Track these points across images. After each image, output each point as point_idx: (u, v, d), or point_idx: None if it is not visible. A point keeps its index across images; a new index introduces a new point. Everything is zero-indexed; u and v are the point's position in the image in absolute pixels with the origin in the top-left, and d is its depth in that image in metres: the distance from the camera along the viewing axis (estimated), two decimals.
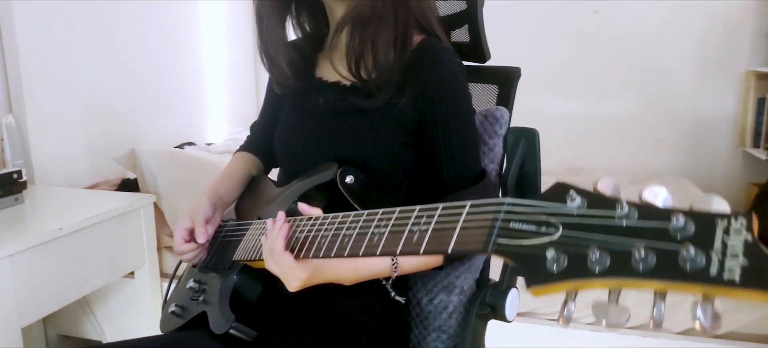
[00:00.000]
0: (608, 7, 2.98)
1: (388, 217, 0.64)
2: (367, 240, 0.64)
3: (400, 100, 0.87)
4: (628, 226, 0.43)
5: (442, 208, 0.58)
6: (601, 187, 0.46)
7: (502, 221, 0.50)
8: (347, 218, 0.70)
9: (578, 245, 0.44)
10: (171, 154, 2.17)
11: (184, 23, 2.77)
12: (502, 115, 0.99)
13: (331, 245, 0.69)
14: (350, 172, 0.84)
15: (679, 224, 0.41)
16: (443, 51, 0.89)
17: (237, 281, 0.89)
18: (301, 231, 0.75)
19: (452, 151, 0.88)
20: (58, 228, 1.37)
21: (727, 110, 2.97)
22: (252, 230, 0.91)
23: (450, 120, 0.87)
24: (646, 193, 0.44)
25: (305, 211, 0.78)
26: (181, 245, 0.94)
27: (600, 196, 0.46)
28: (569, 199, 0.47)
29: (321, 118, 0.93)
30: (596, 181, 0.47)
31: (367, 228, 0.65)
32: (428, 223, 0.58)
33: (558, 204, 0.47)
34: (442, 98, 0.87)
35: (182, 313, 0.96)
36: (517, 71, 1.03)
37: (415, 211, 0.61)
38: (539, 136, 0.98)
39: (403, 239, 0.60)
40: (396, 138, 0.89)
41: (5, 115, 1.83)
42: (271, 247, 0.75)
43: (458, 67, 0.90)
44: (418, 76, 0.87)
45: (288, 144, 0.99)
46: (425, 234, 0.58)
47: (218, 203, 0.99)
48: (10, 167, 1.75)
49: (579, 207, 0.46)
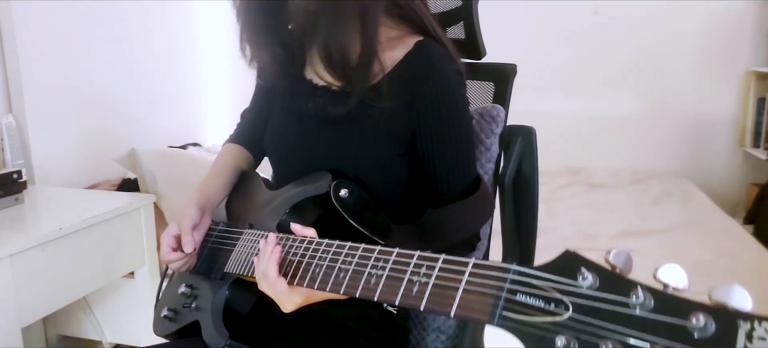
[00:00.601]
0: (608, 6, 2.98)
1: (385, 257, 0.62)
2: (363, 280, 0.62)
3: (390, 109, 0.83)
4: (644, 317, 0.41)
5: (442, 261, 0.56)
6: (612, 260, 0.44)
7: (508, 291, 0.49)
8: (342, 249, 0.68)
9: (590, 334, 0.42)
10: (171, 154, 2.17)
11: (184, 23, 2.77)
12: (499, 113, 0.98)
13: (325, 278, 0.67)
14: (344, 185, 0.81)
15: (699, 324, 0.39)
16: (437, 57, 0.85)
17: (229, 295, 0.87)
18: (294, 254, 0.73)
19: (446, 164, 0.85)
20: (58, 228, 1.37)
21: (727, 110, 2.97)
22: (243, 241, 0.88)
23: (444, 133, 0.84)
24: (662, 274, 0.42)
25: (298, 231, 0.76)
26: (169, 254, 0.92)
27: (613, 277, 0.44)
28: (580, 275, 0.45)
29: (310, 124, 0.90)
30: (608, 253, 0.45)
31: (364, 266, 0.64)
32: (429, 275, 0.56)
33: (568, 280, 0.45)
34: (435, 111, 0.83)
35: (175, 317, 0.95)
36: (513, 68, 1.03)
37: (415, 258, 0.59)
38: (536, 135, 0.97)
39: (403, 289, 0.58)
40: (387, 149, 0.85)
41: (5, 115, 1.84)
42: (263, 272, 0.73)
43: (453, 76, 0.86)
44: (411, 84, 0.83)
45: (277, 146, 0.96)
46: (425, 287, 0.56)
47: (206, 205, 0.97)
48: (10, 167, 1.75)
49: (591, 286, 0.44)
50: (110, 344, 1.90)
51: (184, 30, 2.77)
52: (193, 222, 0.92)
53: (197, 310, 0.90)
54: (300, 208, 0.85)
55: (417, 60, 0.84)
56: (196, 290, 0.93)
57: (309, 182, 0.85)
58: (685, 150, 3.04)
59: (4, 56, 1.84)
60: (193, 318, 0.90)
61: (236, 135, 1.11)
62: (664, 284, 0.42)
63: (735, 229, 2.26)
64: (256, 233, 0.86)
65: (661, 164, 3.04)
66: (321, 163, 0.86)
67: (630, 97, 3.07)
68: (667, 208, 2.53)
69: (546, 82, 3.04)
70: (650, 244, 2.10)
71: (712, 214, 2.43)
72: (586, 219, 2.39)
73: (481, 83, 1.06)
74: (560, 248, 0.47)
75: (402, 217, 0.87)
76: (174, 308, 0.95)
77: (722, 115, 2.98)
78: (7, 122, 1.81)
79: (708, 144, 3.02)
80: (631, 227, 2.29)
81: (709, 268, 1.87)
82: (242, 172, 1.06)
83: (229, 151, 1.08)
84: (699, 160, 3.02)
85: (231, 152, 1.07)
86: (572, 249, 0.47)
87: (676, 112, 3.02)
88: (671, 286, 0.42)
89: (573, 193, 2.77)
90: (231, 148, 1.08)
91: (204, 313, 0.88)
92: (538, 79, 2.97)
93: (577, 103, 3.12)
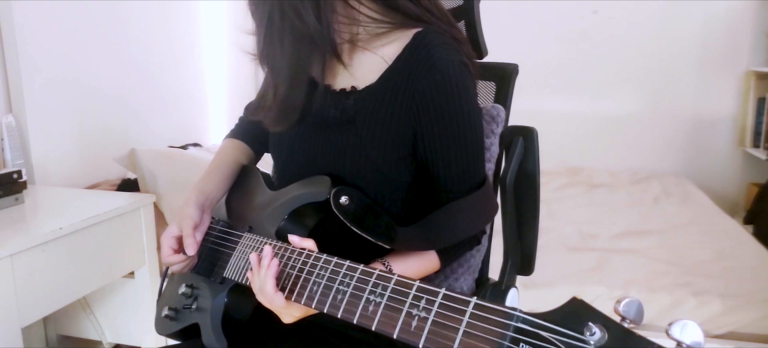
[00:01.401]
0: (608, 6, 2.98)
1: (384, 283, 0.61)
2: (361, 306, 0.61)
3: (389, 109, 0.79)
4: None
5: (442, 297, 0.55)
6: (622, 311, 0.43)
7: (511, 341, 0.47)
8: (340, 268, 0.66)
9: None
10: (171, 154, 2.17)
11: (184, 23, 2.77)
12: (499, 113, 0.98)
13: (323, 298, 0.66)
14: (345, 192, 0.78)
15: None
16: (438, 48, 0.79)
17: (227, 302, 0.86)
18: (292, 267, 0.72)
19: (450, 164, 0.80)
20: (58, 228, 1.37)
21: (727, 110, 2.98)
22: (242, 246, 0.87)
23: (446, 131, 0.78)
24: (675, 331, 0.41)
25: (296, 243, 0.73)
26: (170, 256, 0.90)
27: (623, 332, 0.42)
28: (588, 331, 0.43)
29: (311, 125, 0.87)
30: (618, 302, 0.43)
31: (362, 290, 0.62)
32: (428, 310, 0.55)
33: (575, 334, 0.43)
34: (436, 106, 0.77)
35: (176, 316, 0.94)
36: (514, 68, 1.02)
37: (414, 288, 0.58)
38: (538, 135, 0.97)
39: (401, 322, 0.57)
40: (385, 155, 0.81)
41: (5, 115, 1.83)
42: (260, 287, 0.72)
43: (456, 67, 0.78)
44: (410, 79, 0.78)
45: (279, 145, 0.94)
46: (424, 324, 0.54)
47: (205, 203, 0.94)
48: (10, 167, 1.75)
49: (598, 341, 0.42)
50: (110, 344, 1.90)
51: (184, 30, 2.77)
52: (194, 222, 0.90)
53: (197, 311, 0.90)
54: (299, 214, 0.83)
55: (415, 52, 0.79)
56: (196, 290, 0.93)
57: (307, 187, 0.83)
58: (685, 150, 3.05)
59: (4, 56, 1.84)
60: (194, 320, 0.90)
61: (237, 130, 1.09)
62: (678, 342, 0.41)
63: (735, 229, 2.26)
64: (255, 238, 0.85)
65: (661, 164, 3.05)
66: (320, 166, 0.84)
67: (630, 97, 3.07)
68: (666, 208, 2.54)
69: (546, 82, 3.05)
70: (650, 244, 2.10)
71: (712, 214, 2.43)
72: (586, 219, 2.39)
73: (482, 83, 1.05)
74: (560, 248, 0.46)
75: (406, 220, 0.85)
76: (175, 308, 0.95)
77: (722, 115, 2.99)
78: (7, 122, 1.81)
79: (708, 144, 3.02)
80: (630, 227, 2.29)
81: (709, 269, 1.87)
82: (243, 167, 1.04)
83: (229, 147, 1.05)
84: (699, 159, 3.03)
85: (231, 148, 1.05)
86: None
87: (676, 112, 3.02)
88: (685, 344, 0.41)
89: (573, 193, 2.77)
90: (231, 144, 1.06)
91: (204, 317, 0.88)
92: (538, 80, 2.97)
93: (578, 103, 3.13)
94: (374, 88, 0.82)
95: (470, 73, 0.81)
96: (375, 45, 0.83)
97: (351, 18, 0.82)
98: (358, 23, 0.82)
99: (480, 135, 0.83)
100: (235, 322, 0.87)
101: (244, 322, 0.88)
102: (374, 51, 0.83)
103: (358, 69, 0.85)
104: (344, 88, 0.85)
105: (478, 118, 0.83)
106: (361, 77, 0.84)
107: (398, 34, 0.82)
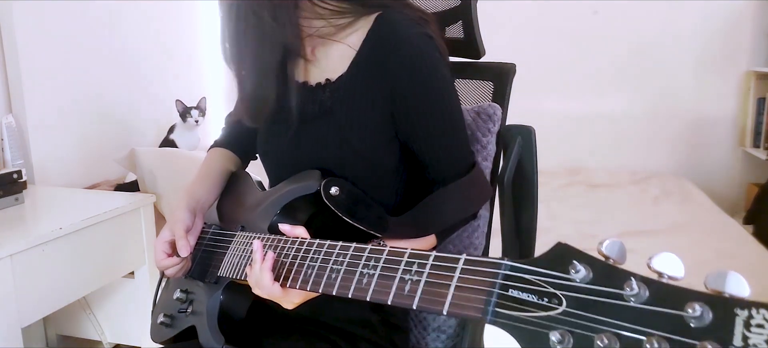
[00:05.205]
0: (608, 7, 2.98)
1: (377, 256, 0.62)
2: (355, 280, 0.62)
3: (364, 95, 0.80)
4: (639, 308, 0.41)
5: (433, 258, 0.56)
6: (606, 250, 0.44)
7: (501, 287, 0.48)
8: (334, 249, 0.67)
9: (585, 328, 0.42)
10: (171, 154, 2.17)
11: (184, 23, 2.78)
12: (495, 111, 0.98)
13: (318, 279, 0.67)
14: (334, 183, 0.79)
15: (695, 314, 0.38)
16: (402, 24, 0.80)
17: (223, 300, 0.87)
18: (286, 255, 0.73)
19: (434, 146, 0.81)
20: (58, 228, 1.37)
21: (727, 110, 2.97)
22: (236, 243, 0.88)
23: (425, 110, 0.79)
24: (656, 263, 0.41)
25: (288, 232, 0.75)
26: (164, 260, 0.91)
27: (606, 268, 0.43)
28: (573, 269, 0.44)
29: (294, 125, 0.86)
30: (601, 243, 0.44)
31: (356, 266, 0.63)
32: (420, 273, 0.56)
33: (560, 273, 0.45)
34: (411, 86, 0.78)
35: (171, 323, 0.94)
36: (512, 67, 1.02)
37: (406, 255, 0.59)
38: (536, 134, 0.97)
39: (395, 287, 0.57)
40: (366, 140, 0.82)
41: (5, 115, 1.84)
42: (257, 281, 0.73)
43: (422, 40, 0.79)
44: (379, 61, 0.79)
45: (265, 147, 0.94)
46: (417, 286, 0.55)
47: (197, 207, 0.95)
48: (10, 167, 1.75)
49: (584, 278, 0.44)
50: (110, 344, 1.90)
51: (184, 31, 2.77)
52: (186, 225, 0.91)
53: (193, 315, 0.90)
54: (291, 208, 0.84)
55: (380, 33, 0.80)
56: (191, 294, 0.93)
57: (298, 181, 0.84)
58: (685, 149, 3.05)
59: (4, 56, 1.84)
60: (189, 323, 0.90)
61: (222, 139, 1.09)
62: (659, 274, 0.41)
63: (735, 229, 2.26)
64: (249, 235, 0.86)
65: (660, 164, 3.04)
66: (306, 162, 0.85)
67: (630, 97, 3.07)
68: (666, 208, 2.53)
69: (545, 81, 3.04)
70: (650, 244, 2.10)
71: (712, 214, 2.43)
72: (585, 219, 2.39)
73: (480, 83, 1.05)
74: None
75: (398, 209, 0.86)
76: (170, 314, 0.95)
77: (722, 114, 2.98)
78: (7, 122, 1.81)
79: (708, 143, 3.02)
80: (630, 227, 2.29)
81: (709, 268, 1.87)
82: (231, 173, 1.05)
83: (215, 155, 1.05)
84: (699, 159, 3.02)
85: (217, 156, 1.05)
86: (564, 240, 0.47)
87: (675, 112, 3.02)
88: (666, 275, 0.41)
89: (573, 193, 2.77)
90: (217, 152, 1.06)
91: (200, 318, 0.88)
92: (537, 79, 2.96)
93: (577, 103, 3.13)
94: (346, 76, 0.83)
95: (436, 45, 0.82)
96: (340, 36, 0.84)
97: (313, 13, 0.83)
98: (321, 17, 0.83)
99: (456, 105, 0.84)
100: (231, 321, 0.87)
101: (241, 321, 0.88)
102: (341, 41, 0.84)
103: (329, 61, 0.86)
104: (319, 82, 0.86)
105: (452, 88, 0.84)
106: (333, 69, 0.85)
107: (362, 22, 0.83)
